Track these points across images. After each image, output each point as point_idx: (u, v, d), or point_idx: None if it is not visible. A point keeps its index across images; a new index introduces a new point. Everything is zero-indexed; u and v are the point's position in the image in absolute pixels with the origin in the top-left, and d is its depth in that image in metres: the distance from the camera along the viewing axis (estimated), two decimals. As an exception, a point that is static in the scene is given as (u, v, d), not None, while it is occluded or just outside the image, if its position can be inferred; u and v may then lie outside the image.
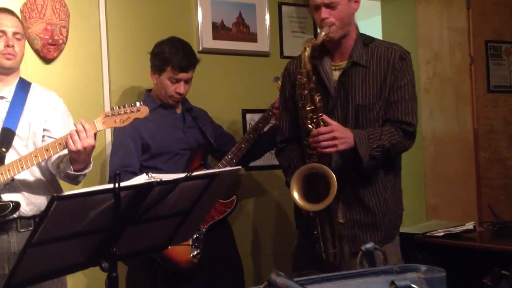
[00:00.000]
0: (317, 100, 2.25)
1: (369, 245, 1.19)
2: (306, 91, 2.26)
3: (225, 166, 2.84)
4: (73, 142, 2.24)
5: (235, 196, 2.98)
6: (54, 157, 2.47)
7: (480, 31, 3.98)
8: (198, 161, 2.85)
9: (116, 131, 2.82)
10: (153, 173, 1.74)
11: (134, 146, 2.78)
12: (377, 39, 2.48)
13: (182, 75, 2.81)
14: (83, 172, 2.41)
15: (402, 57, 2.36)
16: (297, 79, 2.32)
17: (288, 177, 2.51)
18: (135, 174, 2.67)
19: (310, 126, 2.26)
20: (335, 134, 2.22)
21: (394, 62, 2.35)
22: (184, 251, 2.75)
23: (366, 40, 2.41)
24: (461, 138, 4.04)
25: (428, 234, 3.17)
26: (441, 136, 4.15)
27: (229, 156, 2.89)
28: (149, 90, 2.97)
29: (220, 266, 2.92)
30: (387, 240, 2.42)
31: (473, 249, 3.01)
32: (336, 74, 2.39)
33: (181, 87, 2.83)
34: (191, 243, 2.77)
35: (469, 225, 3.21)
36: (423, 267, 1.11)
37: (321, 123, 2.25)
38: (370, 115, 2.35)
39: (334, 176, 2.19)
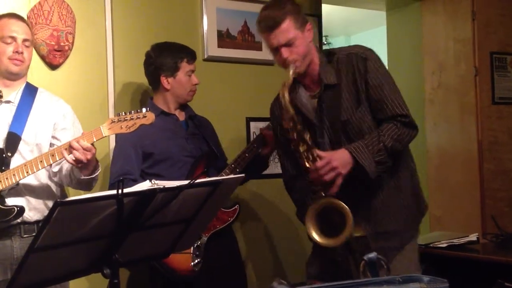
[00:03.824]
0: (307, 138, 2.25)
1: (372, 255, 1.19)
2: (295, 134, 2.26)
3: (228, 175, 2.83)
4: (67, 155, 2.27)
5: (237, 205, 2.97)
6: (65, 168, 2.48)
7: (485, 43, 3.99)
8: (201, 168, 2.85)
9: (117, 138, 2.83)
10: (155, 180, 1.74)
11: (135, 154, 2.78)
12: (336, 49, 2.45)
13: (194, 65, 2.93)
14: (93, 175, 2.41)
15: (361, 57, 2.33)
16: (283, 125, 2.32)
17: (299, 210, 2.51)
18: (135, 181, 2.68)
19: (308, 164, 2.26)
20: (333, 164, 2.21)
21: (357, 66, 2.33)
22: (185, 260, 2.74)
23: (328, 57, 2.39)
24: (465, 150, 4.04)
25: (431, 245, 3.16)
26: (445, 147, 4.14)
27: (233, 165, 2.89)
28: (152, 98, 2.98)
29: (223, 275, 2.91)
30: (406, 242, 2.41)
31: (477, 261, 3.00)
32: (315, 102, 2.38)
33: (195, 78, 2.93)
34: (192, 252, 2.76)
35: (473, 237, 3.20)
36: (426, 278, 1.11)
37: (317, 158, 2.24)
38: (356, 125, 2.34)
39: (347, 207, 2.18)
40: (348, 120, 2.33)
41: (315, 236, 2.26)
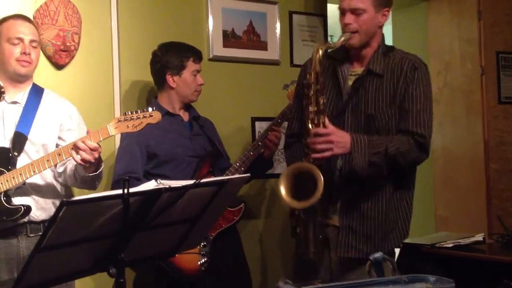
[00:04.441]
0: (321, 102, 2.25)
1: (378, 255, 1.18)
2: (312, 92, 2.26)
3: (233, 174, 2.84)
4: (76, 155, 2.28)
5: (243, 204, 2.97)
6: (69, 168, 2.48)
7: (491, 42, 3.98)
8: (206, 168, 2.85)
9: (123, 137, 2.83)
10: (161, 180, 1.74)
11: (140, 153, 2.79)
12: (397, 49, 2.46)
13: (200, 65, 2.95)
14: (97, 172, 2.42)
15: (414, 66, 2.34)
16: (306, 75, 2.33)
17: None
18: (139, 180, 2.69)
19: (310, 126, 2.25)
20: (332, 138, 2.21)
21: (406, 71, 2.33)
22: (192, 259, 2.74)
23: (386, 50, 2.40)
24: (471, 149, 4.02)
25: (437, 245, 3.15)
26: (451, 147, 4.13)
27: (237, 164, 2.89)
28: (156, 97, 2.99)
29: (228, 274, 2.91)
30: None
31: (483, 261, 2.99)
32: (350, 81, 2.39)
33: (200, 78, 2.95)
34: (198, 251, 2.77)
35: (479, 237, 3.18)
36: (432, 278, 1.11)
37: (321, 126, 2.24)
38: (380, 124, 2.33)
39: (322, 177, 2.19)
40: (375, 115, 2.33)
41: (283, 192, 2.26)
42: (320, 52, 2.25)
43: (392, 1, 2.41)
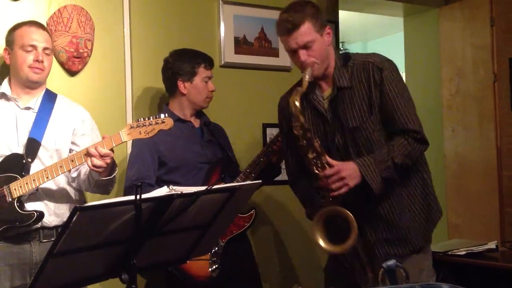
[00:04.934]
0: (317, 146, 2.25)
1: (391, 262, 1.18)
2: (304, 142, 2.26)
3: (243, 180, 2.83)
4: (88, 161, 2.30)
5: (253, 210, 2.97)
6: (83, 172, 2.50)
7: (504, 49, 3.95)
8: (217, 175, 2.85)
9: (135, 143, 2.84)
10: (173, 186, 1.74)
11: (151, 159, 2.79)
12: (354, 54, 2.45)
13: (211, 72, 2.95)
14: (111, 176, 2.43)
15: (378, 67, 2.32)
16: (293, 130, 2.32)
17: (308, 209, 2.52)
18: (151, 186, 2.69)
19: (317, 171, 2.26)
20: (342, 174, 2.21)
21: (373, 75, 2.32)
22: (203, 266, 2.74)
23: (344, 61, 2.39)
24: (484, 157, 4.00)
25: (449, 252, 3.13)
26: (463, 154, 4.10)
27: (248, 170, 2.89)
28: (167, 104, 3.00)
29: (239, 281, 2.90)
30: (415, 251, 2.39)
31: (495, 269, 2.97)
32: (326, 103, 2.39)
33: (212, 85, 2.95)
34: (209, 258, 2.76)
35: (492, 244, 3.17)
36: (445, 286, 1.10)
37: (326, 166, 2.24)
38: (366, 134, 2.33)
39: (353, 217, 2.19)
40: (357, 127, 2.33)
41: (322, 243, 2.27)
42: (297, 103, 2.24)
43: (325, 22, 2.39)
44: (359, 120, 2.32)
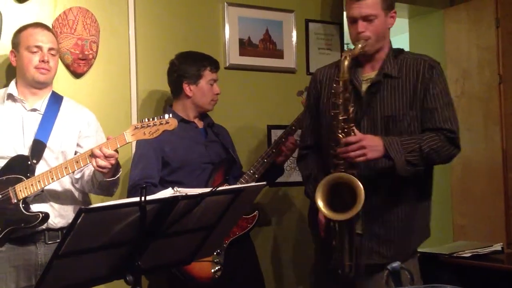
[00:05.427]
0: (350, 111, 2.25)
1: (395, 264, 1.18)
2: (341, 100, 2.25)
3: (247, 181, 2.83)
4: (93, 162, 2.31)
5: (257, 211, 2.96)
6: (86, 173, 2.50)
7: (510, 50, 3.94)
8: (220, 175, 2.85)
9: (138, 144, 2.85)
10: (177, 187, 1.75)
11: (155, 159, 2.80)
12: (406, 51, 2.48)
13: (216, 75, 2.95)
14: (115, 178, 2.43)
15: (431, 65, 2.35)
16: (330, 87, 2.32)
17: (308, 186, 2.52)
18: (155, 186, 2.70)
19: (340, 135, 2.24)
20: (364, 143, 2.20)
21: (423, 72, 2.33)
22: (205, 267, 2.74)
23: (396, 53, 2.41)
24: (489, 158, 3.98)
25: (455, 254, 3.12)
26: (469, 156, 4.09)
27: (251, 171, 2.89)
28: (171, 105, 3.01)
29: (242, 282, 2.90)
30: (399, 258, 2.39)
31: (501, 271, 2.96)
32: (364, 86, 2.38)
33: (217, 88, 2.95)
34: (212, 259, 2.76)
35: (497, 246, 3.16)
36: (449, 287, 1.10)
37: (352, 133, 2.23)
38: (400, 125, 2.32)
39: (362, 187, 2.18)
40: (393, 117, 2.32)
41: (321, 204, 2.25)
42: (348, 59, 2.24)
43: (394, 4, 2.40)
44: (396, 110, 2.32)
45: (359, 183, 2.19)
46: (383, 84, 2.35)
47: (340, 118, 2.25)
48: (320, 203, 2.25)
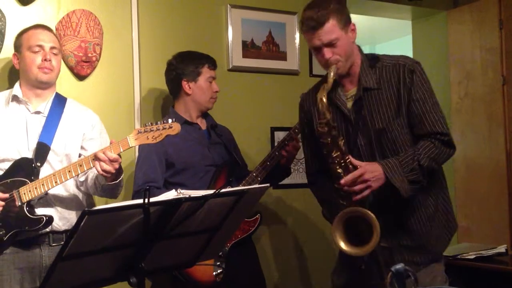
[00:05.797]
0: (341, 145, 2.22)
1: (399, 266, 1.17)
2: (329, 139, 2.22)
3: (249, 184, 2.82)
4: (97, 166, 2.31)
5: (259, 214, 2.95)
6: (90, 177, 2.51)
7: (513, 51, 3.93)
8: (223, 178, 2.85)
9: (141, 147, 2.85)
10: (181, 189, 1.75)
11: (159, 162, 2.80)
12: (382, 56, 2.42)
13: (215, 73, 2.96)
14: (117, 181, 2.43)
15: (410, 69, 2.30)
16: (317, 126, 2.30)
17: (325, 209, 2.50)
18: (159, 189, 2.70)
19: (339, 171, 2.23)
20: (365, 177, 2.18)
21: (404, 77, 2.29)
22: (207, 270, 2.73)
23: (371, 62, 2.37)
24: (493, 160, 3.98)
25: (459, 256, 3.12)
26: (472, 158, 4.08)
27: (254, 174, 2.88)
28: (173, 107, 3.00)
29: (244, 285, 2.89)
30: (435, 259, 2.38)
31: (505, 273, 2.95)
32: (349, 103, 2.36)
33: (216, 86, 2.95)
34: (213, 262, 2.75)
35: (501, 248, 3.16)
36: (454, 290, 1.09)
37: (350, 166, 2.21)
38: (392, 136, 2.31)
39: (375, 218, 2.16)
40: (384, 129, 2.30)
41: (342, 244, 2.23)
42: (324, 99, 2.21)
43: (350, 18, 2.36)
44: (386, 121, 2.30)
45: (371, 214, 2.17)
46: (365, 99, 2.33)
47: (334, 155, 2.23)
48: (342, 245, 2.23)
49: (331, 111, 2.25)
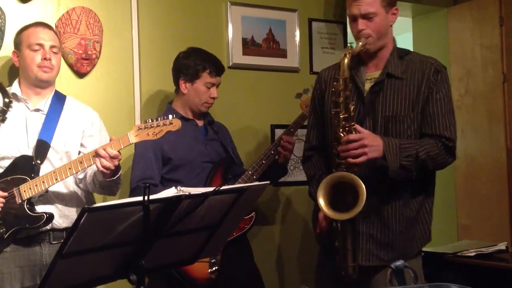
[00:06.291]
0: (351, 109, 2.24)
1: (399, 263, 1.17)
2: (341, 99, 2.24)
3: (245, 182, 2.81)
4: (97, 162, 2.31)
5: (254, 213, 2.94)
6: (88, 174, 2.51)
7: (514, 48, 3.93)
8: (220, 175, 2.85)
9: (137, 143, 2.84)
10: (174, 185, 1.74)
11: (155, 158, 2.79)
12: (413, 52, 2.46)
13: (218, 79, 2.90)
14: (115, 178, 2.43)
15: (437, 69, 2.33)
16: (332, 86, 2.31)
17: (312, 187, 2.51)
18: (156, 186, 2.69)
19: (341, 134, 2.24)
20: (365, 142, 2.20)
21: (429, 75, 2.32)
22: (202, 268, 2.72)
23: (401, 53, 2.39)
24: (493, 157, 3.97)
25: (459, 254, 3.12)
26: (473, 155, 4.08)
27: (250, 172, 2.87)
28: (170, 103, 2.99)
29: (239, 283, 2.89)
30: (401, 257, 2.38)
31: (505, 270, 2.95)
32: (368, 85, 2.37)
33: (215, 92, 2.89)
34: (209, 260, 2.75)
35: (502, 246, 3.16)
36: (454, 286, 1.09)
37: (353, 132, 2.22)
38: (400, 126, 2.32)
39: (364, 186, 2.17)
40: (393, 117, 2.31)
41: (322, 204, 2.24)
42: (348, 57, 2.23)
43: (395, 1, 2.38)
44: (397, 111, 2.31)
45: (361, 182, 2.18)
46: (386, 83, 2.34)
47: (341, 116, 2.24)
48: (322, 202, 2.24)
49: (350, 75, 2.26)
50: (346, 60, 2.23)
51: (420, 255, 2.48)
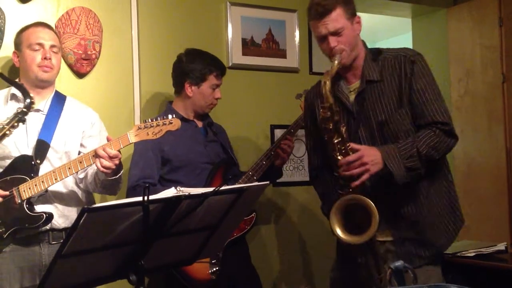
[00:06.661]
0: (343, 131, 2.23)
1: (399, 263, 1.18)
2: (331, 125, 2.24)
3: (246, 182, 2.81)
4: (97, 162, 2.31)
5: (254, 213, 2.95)
6: (90, 173, 2.51)
7: (513, 49, 3.93)
8: (219, 175, 2.85)
9: (137, 142, 2.84)
10: (173, 186, 1.74)
11: (155, 158, 2.79)
12: (384, 49, 2.43)
13: (221, 81, 2.93)
14: (116, 176, 2.43)
15: (411, 60, 2.31)
16: (319, 114, 2.31)
17: (324, 205, 2.50)
18: (154, 185, 2.70)
19: (339, 157, 2.23)
20: (364, 160, 2.18)
21: (405, 68, 2.30)
22: (203, 268, 2.73)
23: (374, 55, 2.38)
24: (493, 158, 3.98)
25: (458, 254, 3.12)
26: (472, 155, 4.08)
27: (250, 173, 2.88)
28: (170, 103, 3.00)
29: (239, 283, 2.90)
30: (438, 258, 2.37)
31: (505, 270, 2.95)
32: (352, 96, 2.37)
33: (219, 93, 2.93)
34: (209, 260, 2.75)
35: (501, 246, 3.15)
36: (453, 287, 1.09)
37: (350, 152, 2.22)
38: (395, 127, 2.31)
39: (374, 206, 2.15)
40: (385, 120, 2.30)
41: (339, 231, 2.23)
42: (328, 83, 2.22)
43: (355, 10, 2.37)
44: (388, 113, 2.30)
45: (370, 202, 2.17)
46: (367, 91, 2.34)
47: (335, 141, 2.24)
48: (338, 231, 2.23)
49: (334, 98, 2.25)
50: (327, 87, 2.22)
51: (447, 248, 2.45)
